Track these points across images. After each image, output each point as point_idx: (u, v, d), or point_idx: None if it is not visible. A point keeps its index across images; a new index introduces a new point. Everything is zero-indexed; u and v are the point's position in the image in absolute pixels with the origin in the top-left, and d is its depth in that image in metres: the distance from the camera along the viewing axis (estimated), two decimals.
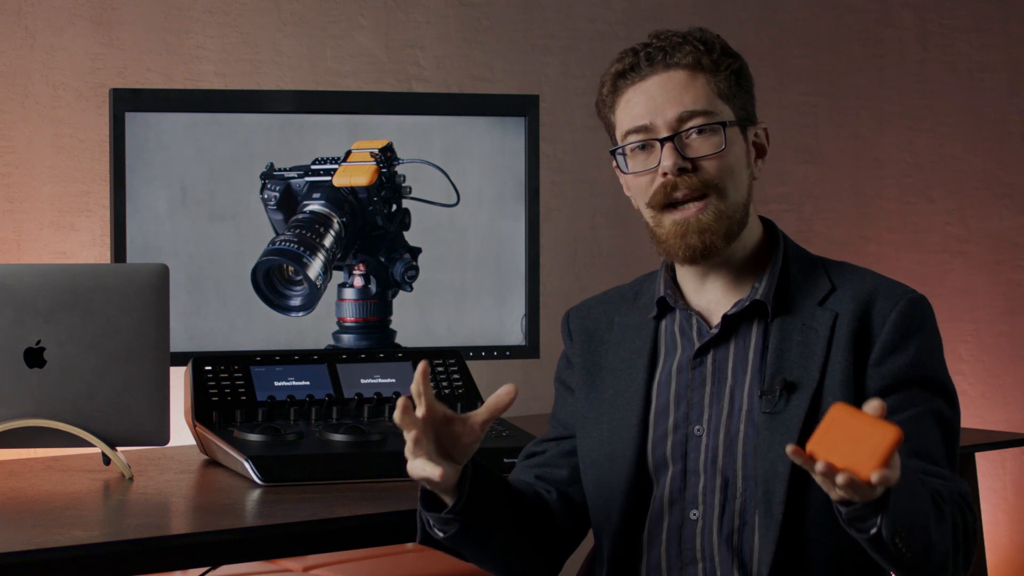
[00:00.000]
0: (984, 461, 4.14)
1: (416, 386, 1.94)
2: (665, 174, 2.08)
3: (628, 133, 2.11)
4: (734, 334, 2.11)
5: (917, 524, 1.88)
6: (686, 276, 2.16)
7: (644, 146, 2.10)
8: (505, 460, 2.47)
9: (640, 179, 2.11)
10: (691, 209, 2.08)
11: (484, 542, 2.08)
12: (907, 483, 1.86)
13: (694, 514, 2.07)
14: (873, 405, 1.78)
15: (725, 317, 2.11)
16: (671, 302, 2.16)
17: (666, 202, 2.09)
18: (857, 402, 2.04)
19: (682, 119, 2.08)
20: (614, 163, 2.19)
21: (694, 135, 2.09)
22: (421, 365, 1.93)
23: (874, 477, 1.75)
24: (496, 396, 1.98)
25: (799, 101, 4.12)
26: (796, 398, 2.05)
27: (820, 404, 2.04)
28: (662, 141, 2.08)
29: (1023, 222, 4.41)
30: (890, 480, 1.77)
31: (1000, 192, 4.38)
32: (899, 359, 2.06)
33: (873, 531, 1.85)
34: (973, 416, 4.34)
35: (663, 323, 2.17)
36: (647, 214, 2.12)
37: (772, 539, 2.02)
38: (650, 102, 2.10)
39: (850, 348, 2.06)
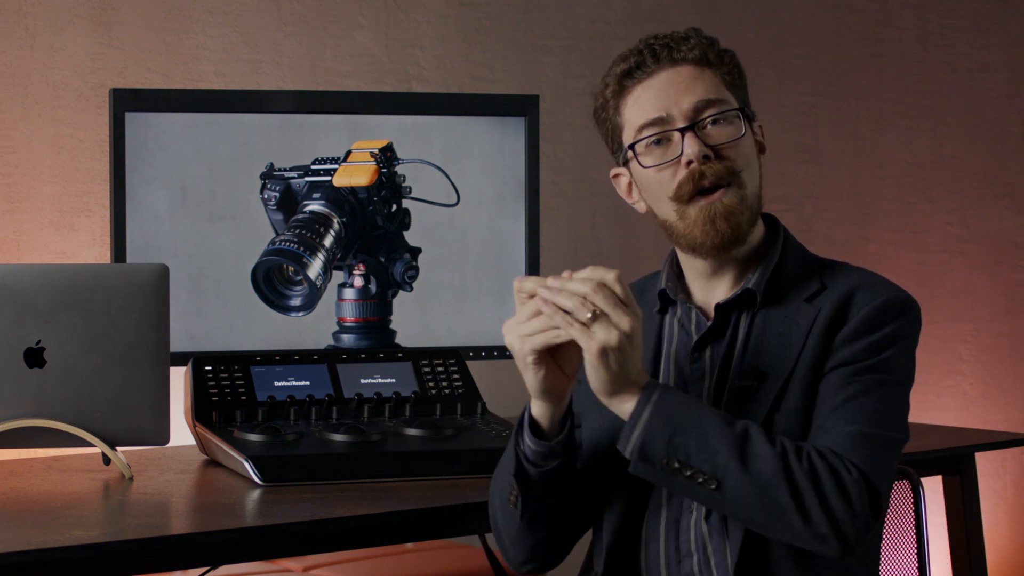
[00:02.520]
0: (984, 461, 4.14)
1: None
2: (690, 162, 2.07)
3: (643, 127, 2.10)
4: (728, 325, 2.12)
5: (690, 445, 1.95)
6: (692, 271, 2.17)
7: (660, 141, 2.10)
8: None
9: (661, 173, 2.10)
10: (714, 195, 2.08)
11: (561, 492, 2.09)
12: (689, 410, 1.97)
13: (691, 507, 2.08)
14: None
15: (718, 307, 2.12)
16: (671, 295, 2.16)
17: (695, 191, 2.08)
18: (813, 390, 2.05)
19: (698, 108, 2.08)
20: (612, 172, 2.19)
21: (710, 124, 2.09)
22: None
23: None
24: None
25: (799, 101, 4.12)
26: (766, 387, 2.06)
27: (786, 393, 2.05)
28: (682, 131, 2.08)
29: (1023, 222, 4.41)
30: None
31: (1000, 192, 4.38)
32: (856, 345, 2.05)
33: (632, 444, 1.96)
34: (973, 416, 4.34)
35: (666, 317, 2.18)
36: (669, 208, 2.10)
37: (740, 528, 2.03)
38: (662, 95, 2.09)
39: (822, 336, 2.06)
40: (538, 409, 2.05)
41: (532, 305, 1.98)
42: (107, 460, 2.53)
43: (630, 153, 2.12)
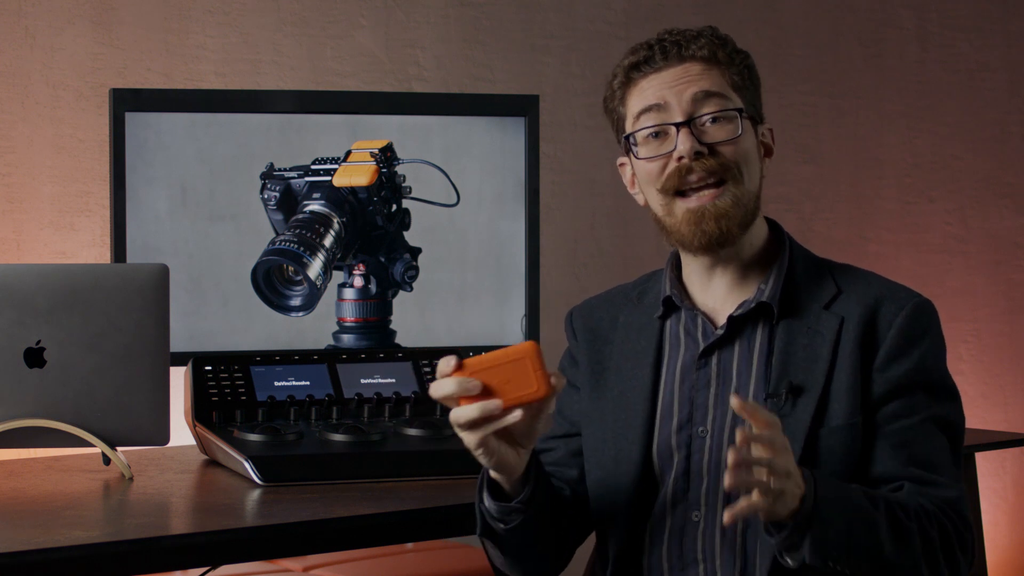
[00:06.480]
0: (984, 461, 4.14)
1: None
2: (681, 158, 2.07)
3: (641, 113, 2.10)
4: (739, 335, 2.11)
5: (860, 543, 1.91)
6: (692, 273, 2.16)
7: (658, 133, 2.09)
8: None
9: (652, 164, 2.10)
10: (706, 196, 2.07)
11: (536, 535, 2.08)
12: (848, 506, 1.91)
13: (696, 516, 2.07)
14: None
15: (731, 318, 2.11)
16: (677, 301, 2.15)
17: (680, 187, 2.08)
18: (863, 406, 2.04)
19: (696, 99, 2.08)
20: (619, 161, 2.19)
21: (708, 122, 2.08)
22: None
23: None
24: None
25: (799, 101, 4.12)
26: (803, 402, 2.04)
27: (827, 408, 2.04)
28: (678, 126, 2.08)
29: (1023, 222, 4.41)
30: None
31: (1000, 192, 4.38)
32: (903, 364, 2.06)
33: (800, 559, 1.90)
34: (973, 416, 4.33)
35: (668, 323, 2.16)
36: (658, 201, 2.11)
37: (771, 544, 2.01)
38: (664, 86, 2.09)
39: (856, 353, 2.06)
40: (495, 475, 2.04)
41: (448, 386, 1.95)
42: (107, 460, 2.53)
43: (628, 143, 2.12)
